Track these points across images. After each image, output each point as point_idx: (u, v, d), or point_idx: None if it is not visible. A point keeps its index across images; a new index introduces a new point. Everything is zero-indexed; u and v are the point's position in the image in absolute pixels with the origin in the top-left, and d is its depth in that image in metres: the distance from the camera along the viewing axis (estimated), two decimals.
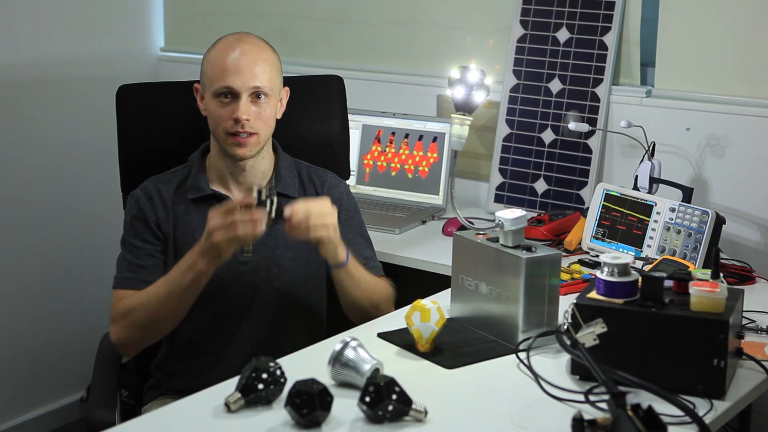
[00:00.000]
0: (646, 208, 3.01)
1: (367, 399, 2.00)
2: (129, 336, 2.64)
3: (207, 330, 2.71)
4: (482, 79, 2.56)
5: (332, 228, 2.54)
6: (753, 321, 2.59)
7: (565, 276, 2.80)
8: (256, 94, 2.68)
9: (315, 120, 3.11)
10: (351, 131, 3.23)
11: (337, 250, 2.59)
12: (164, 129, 3.01)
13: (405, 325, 2.41)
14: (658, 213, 2.98)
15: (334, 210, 2.55)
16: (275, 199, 2.45)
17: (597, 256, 3.02)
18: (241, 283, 2.72)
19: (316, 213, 2.51)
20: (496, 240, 2.45)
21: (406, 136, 3.74)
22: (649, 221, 3.00)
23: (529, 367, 2.23)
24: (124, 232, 2.76)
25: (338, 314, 2.79)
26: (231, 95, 2.67)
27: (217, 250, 2.47)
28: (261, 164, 2.76)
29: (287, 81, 2.81)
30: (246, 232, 2.42)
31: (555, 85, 3.56)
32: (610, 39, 3.46)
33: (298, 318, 2.79)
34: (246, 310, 2.74)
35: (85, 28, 4.22)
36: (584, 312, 2.17)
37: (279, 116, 2.77)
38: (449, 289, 2.62)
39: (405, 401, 2.01)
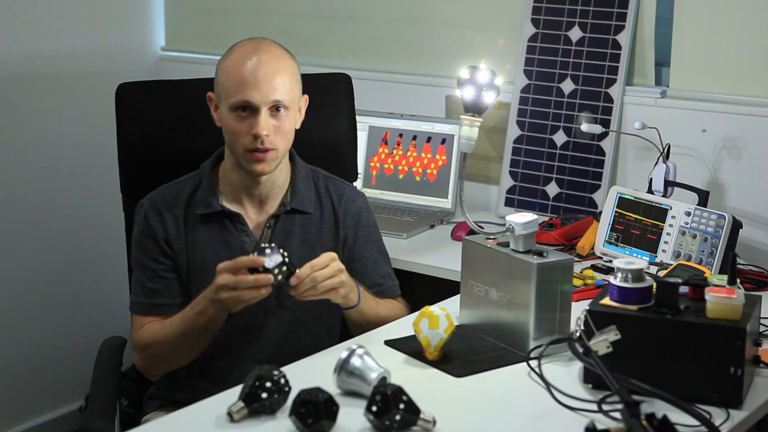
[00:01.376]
0: (661, 212, 3.01)
1: (374, 408, 2.00)
2: (151, 365, 2.72)
3: (216, 347, 2.71)
4: (492, 79, 2.56)
5: (340, 286, 2.51)
6: None
7: (577, 282, 2.80)
8: (276, 108, 2.63)
9: (321, 120, 3.10)
10: (357, 133, 3.23)
11: (349, 296, 2.58)
12: (165, 129, 3.01)
13: (413, 333, 2.41)
14: (673, 217, 2.98)
15: (342, 267, 2.52)
16: (284, 261, 2.42)
17: (610, 261, 3.02)
18: (253, 303, 2.71)
19: (323, 276, 2.48)
20: (507, 245, 2.45)
21: (414, 137, 3.74)
22: (663, 225, 3.00)
23: (541, 376, 2.23)
24: (134, 248, 2.76)
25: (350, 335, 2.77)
26: (249, 109, 2.62)
27: (224, 305, 2.50)
28: (278, 177, 2.74)
29: None
30: (251, 296, 2.45)
31: (567, 86, 3.56)
32: (623, 38, 3.47)
33: (309, 339, 2.77)
34: (256, 330, 2.74)
35: (84, 24, 4.23)
36: (597, 319, 2.17)
37: (298, 126, 2.73)
38: (458, 296, 2.62)
39: (413, 411, 2.01)
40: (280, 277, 2.42)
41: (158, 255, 2.72)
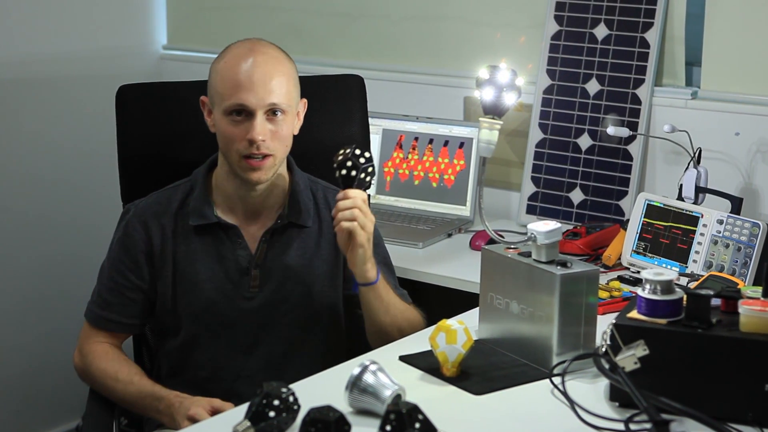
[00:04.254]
0: (692, 220, 3.01)
1: (388, 428, 2.00)
2: (84, 377, 2.80)
3: (211, 369, 2.72)
4: (513, 79, 2.57)
5: (368, 234, 2.59)
6: None
7: (603, 294, 2.80)
8: (273, 111, 2.63)
9: (332, 123, 3.11)
10: (371, 136, 3.24)
11: (368, 265, 2.61)
12: (167, 132, 3.03)
13: (429, 348, 2.41)
14: (704, 225, 2.98)
15: (374, 220, 2.62)
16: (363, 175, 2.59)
17: (638, 272, 3.03)
18: (247, 320, 2.71)
19: (365, 210, 2.57)
20: (529, 255, 2.45)
21: (431, 141, 3.75)
22: (694, 234, 3.00)
23: (564, 393, 2.23)
24: (109, 250, 2.79)
25: (358, 351, 2.77)
26: (245, 113, 2.63)
27: (174, 424, 2.55)
28: (274, 187, 2.74)
29: (302, 82, 2.82)
30: None
31: (592, 87, 3.57)
32: (652, 36, 3.47)
33: (310, 358, 2.76)
34: (252, 349, 2.74)
35: (83, 23, 4.25)
36: (624, 333, 2.17)
37: (296, 132, 2.73)
38: (477, 309, 2.62)
39: (429, 430, 2.01)
40: (364, 173, 2.59)
41: (128, 270, 2.74)
